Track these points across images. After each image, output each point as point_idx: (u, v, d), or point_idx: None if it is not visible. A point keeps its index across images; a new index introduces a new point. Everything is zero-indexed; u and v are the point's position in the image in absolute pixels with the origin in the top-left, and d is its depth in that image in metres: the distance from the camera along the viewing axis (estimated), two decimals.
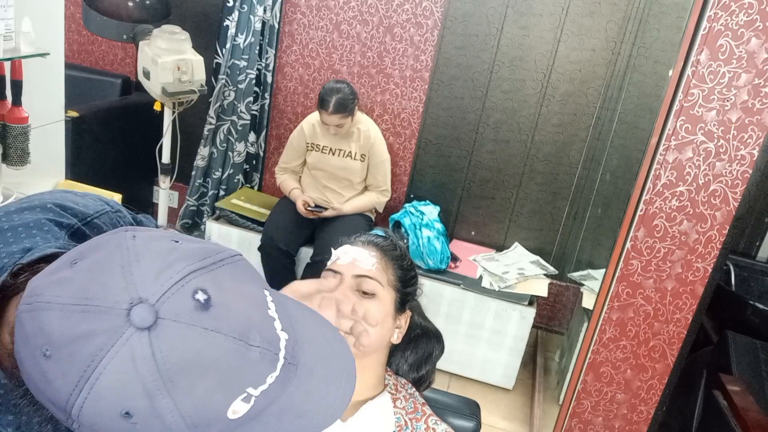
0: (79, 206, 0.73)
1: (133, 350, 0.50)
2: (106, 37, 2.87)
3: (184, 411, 0.52)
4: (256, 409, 0.56)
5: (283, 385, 0.58)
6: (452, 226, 3.29)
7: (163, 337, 0.51)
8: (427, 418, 1.06)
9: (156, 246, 0.56)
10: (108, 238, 0.57)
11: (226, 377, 0.53)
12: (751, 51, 1.65)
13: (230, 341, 0.53)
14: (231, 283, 0.57)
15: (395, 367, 1.16)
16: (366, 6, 3.11)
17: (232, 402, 0.54)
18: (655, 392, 2.00)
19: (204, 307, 0.53)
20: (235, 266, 0.59)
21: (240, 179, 3.45)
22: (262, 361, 0.55)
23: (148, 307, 0.51)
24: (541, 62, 2.97)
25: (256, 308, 0.57)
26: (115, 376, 0.50)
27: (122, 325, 0.50)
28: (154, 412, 0.51)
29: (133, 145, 3.32)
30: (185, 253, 0.56)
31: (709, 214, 1.79)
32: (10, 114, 1.82)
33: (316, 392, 0.62)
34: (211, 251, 0.58)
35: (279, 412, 0.59)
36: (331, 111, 2.74)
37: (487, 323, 2.82)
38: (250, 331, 0.54)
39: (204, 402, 0.52)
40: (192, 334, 0.52)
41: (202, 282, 0.54)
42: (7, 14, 1.71)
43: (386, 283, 1.05)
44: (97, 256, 0.55)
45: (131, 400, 0.50)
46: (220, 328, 0.53)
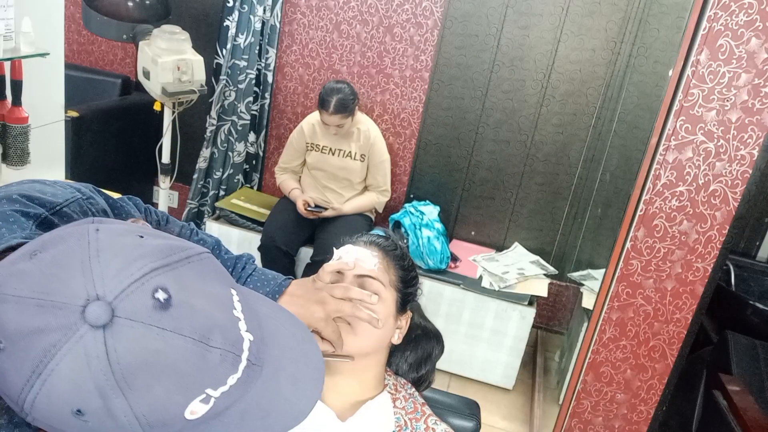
0: (47, 195, 0.72)
1: (87, 348, 0.49)
2: (106, 37, 2.87)
3: (138, 412, 0.51)
4: (217, 409, 0.55)
5: (246, 386, 0.57)
6: (452, 226, 3.29)
7: (119, 336, 0.49)
8: (426, 418, 1.06)
9: (119, 241, 0.55)
10: (71, 231, 0.56)
11: (184, 379, 0.52)
12: (751, 51, 1.65)
13: (189, 343, 0.52)
14: (195, 282, 0.55)
15: (395, 367, 1.16)
16: (366, 6, 3.11)
17: (190, 403, 0.53)
18: (655, 392, 2.00)
19: (163, 306, 0.51)
20: (201, 264, 0.58)
21: (240, 179, 3.45)
22: (223, 363, 0.54)
23: (104, 304, 0.50)
24: (541, 62, 2.97)
25: (220, 308, 0.56)
26: (67, 373, 0.49)
27: (77, 322, 0.49)
28: (107, 412, 0.50)
29: (133, 145, 3.32)
30: (149, 250, 0.54)
31: (709, 214, 1.79)
32: (10, 114, 1.82)
33: (282, 393, 0.61)
34: (176, 248, 0.56)
35: (242, 412, 0.58)
36: (331, 111, 2.74)
37: (487, 323, 2.82)
38: (212, 332, 0.53)
39: (160, 403, 0.51)
40: (149, 334, 0.50)
41: (164, 280, 0.53)
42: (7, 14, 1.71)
43: (388, 283, 1.05)
44: (58, 249, 0.54)
45: (83, 399, 0.49)
46: (179, 329, 0.51)
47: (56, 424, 0.52)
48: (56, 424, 0.52)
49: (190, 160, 3.34)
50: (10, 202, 0.69)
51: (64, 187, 0.76)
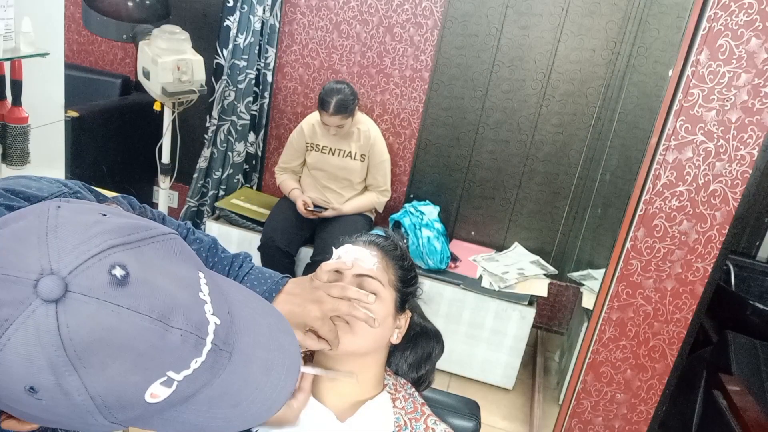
0: (32, 190, 0.71)
1: (38, 323, 0.48)
2: (106, 37, 2.88)
3: (93, 391, 0.50)
4: (181, 394, 0.54)
5: (213, 372, 0.56)
6: (452, 226, 3.29)
7: (71, 311, 0.49)
8: (426, 418, 1.06)
9: (79, 218, 0.54)
10: (33, 208, 0.55)
11: (142, 359, 0.50)
12: (751, 51, 1.65)
13: (147, 321, 0.50)
14: (157, 261, 0.54)
15: (395, 367, 1.16)
16: (366, 6, 3.11)
17: (150, 385, 0.52)
18: (655, 392, 2.00)
19: (120, 283, 0.50)
20: (166, 245, 0.56)
21: (240, 179, 3.45)
22: (184, 344, 0.52)
23: (57, 279, 0.49)
24: (541, 62, 2.97)
25: (184, 289, 0.55)
26: (19, 348, 0.48)
27: (29, 297, 0.49)
28: (60, 389, 0.49)
29: (132, 145, 3.32)
30: (109, 227, 0.53)
31: (709, 214, 1.79)
32: (10, 114, 1.82)
33: (253, 381, 0.60)
34: (140, 227, 0.55)
35: (210, 399, 0.57)
36: (331, 112, 2.74)
37: (487, 323, 2.82)
38: (173, 313, 0.52)
39: (117, 384, 0.50)
40: (103, 310, 0.49)
41: (123, 258, 0.51)
42: (7, 14, 1.71)
43: (387, 282, 1.05)
44: (18, 225, 0.53)
45: (35, 375, 0.49)
46: (135, 307, 0.50)
47: (12, 402, 0.51)
48: (12, 403, 0.51)
49: (190, 160, 3.35)
50: None
51: (50, 182, 0.75)
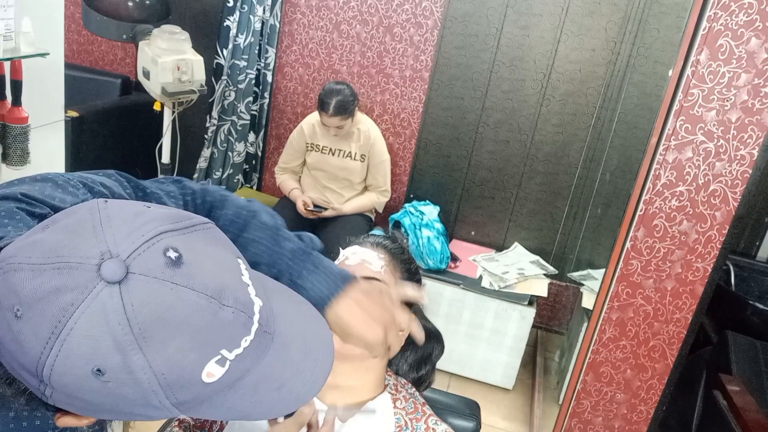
0: (55, 201, 0.72)
1: (104, 304, 0.50)
2: (106, 37, 2.87)
3: (157, 369, 0.51)
4: (232, 375, 0.55)
5: (258, 354, 0.57)
6: (452, 226, 3.29)
7: (134, 291, 0.50)
8: (427, 419, 1.06)
9: (127, 209, 0.57)
10: (81, 205, 0.58)
11: (199, 336, 0.52)
12: (751, 51, 1.65)
13: (202, 298, 0.53)
14: (203, 247, 0.57)
15: (395, 367, 1.16)
16: (366, 6, 3.11)
17: (207, 363, 0.53)
18: (655, 392, 2.00)
19: (175, 264, 0.52)
20: (207, 233, 0.59)
21: (240, 179, 3.45)
22: (235, 322, 0.54)
23: (119, 261, 0.51)
24: (541, 62, 2.97)
25: (230, 272, 0.57)
26: (86, 330, 0.49)
27: (93, 280, 0.50)
28: (126, 368, 0.50)
29: (132, 145, 3.32)
30: (157, 216, 0.56)
31: (709, 214, 1.79)
32: (10, 114, 1.82)
33: (294, 364, 0.61)
34: (183, 216, 0.58)
35: (255, 383, 0.58)
36: (331, 113, 2.74)
37: (487, 323, 2.82)
38: (223, 292, 0.54)
39: (177, 360, 0.52)
40: (163, 288, 0.51)
41: (174, 241, 0.54)
42: (7, 14, 1.71)
43: (393, 286, 1.05)
44: (69, 220, 0.55)
45: (103, 356, 0.50)
46: (191, 285, 0.52)
47: (75, 390, 0.52)
48: (76, 391, 0.52)
49: (189, 160, 3.34)
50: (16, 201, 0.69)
51: (75, 188, 0.75)
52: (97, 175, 0.80)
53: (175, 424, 1.03)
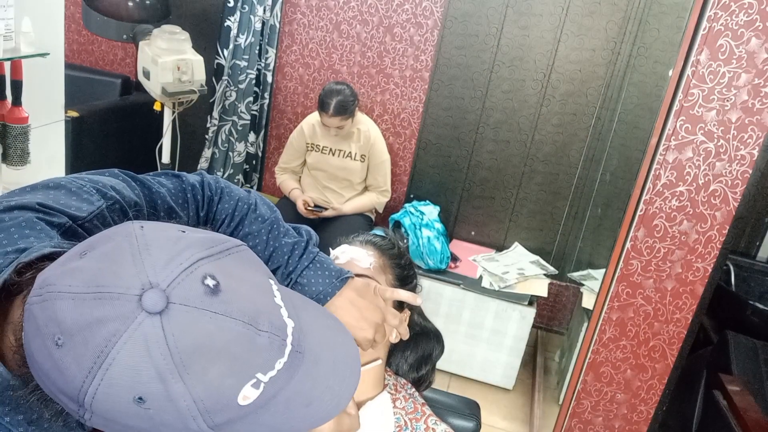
0: (71, 209, 0.72)
1: (146, 334, 0.51)
2: (106, 37, 2.87)
3: (196, 396, 0.52)
4: (265, 396, 0.56)
5: (291, 373, 0.58)
6: (452, 226, 3.29)
7: (175, 321, 0.51)
8: (426, 419, 1.06)
9: (164, 235, 0.57)
10: (117, 230, 0.58)
11: (237, 362, 0.53)
12: (751, 51, 1.65)
13: (240, 326, 0.54)
14: (238, 271, 0.58)
15: (395, 367, 1.16)
16: (366, 6, 3.11)
17: (243, 387, 0.54)
18: (655, 392, 2.00)
19: (213, 292, 0.53)
20: (241, 255, 0.60)
21: (240, 179, 3.45)
22: (271, 346, 0.55)
23: (159, 291, 0.52)
24: (541, 62, 2.97)
25: (263, 295, 0.58)
26: (128, 360, 0.50)
27: (135, 310, 0.51)
28: (167, 396, 0.51)
29: (133, 145, 3.32)
30: (193, 242, 0.57)
31: (709, 214, 1.79)
32: (10, 114, 1.82)
33: (323, 380, 0.62)
34: (217, 240, 0.59)
35: (287, 401, 0.59)
36: (331, 113, 2.74)
37: (487, 323, 2.82)
38: (259, 317, 0.55)
39: (216, 387, 0.53)
40: (203, 318, 0.52)
41: (211, 268, 0.55)
42: (7, 14, 1.71)
43: (384, 282, 1.05)
44: (107, 247, 0.56)
45: (144, 385, 0.51)
46: (229, 313, 0.53)
47: (116, 416, 0.52)
48: (116, 416, 0.52)
49: (190, 160, 3.34)
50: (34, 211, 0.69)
51: (89, 194, 0.75)
52: (104, 176, 0.80)
53: None
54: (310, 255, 0.92)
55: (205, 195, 0.91)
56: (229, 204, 0.92)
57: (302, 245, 0.93)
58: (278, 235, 0.92)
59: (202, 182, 0.91)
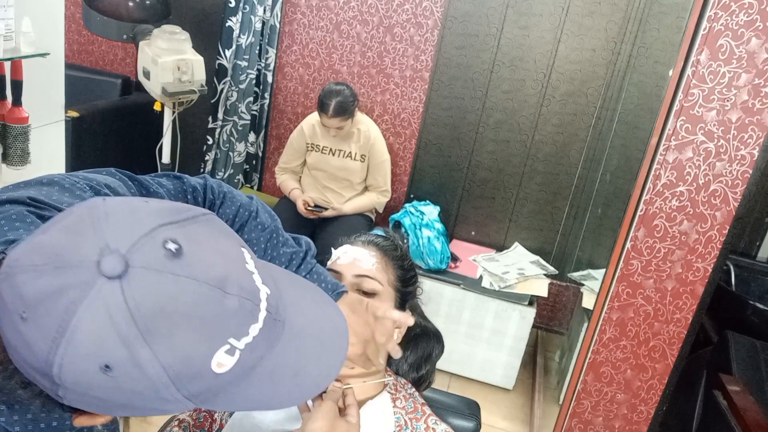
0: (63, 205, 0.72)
1: (106, 300, 0.50)
2: (106, 37, 2.87)
3: (165, 362, 0.51)
4: (244, 364, 0.55)
5: (270, 342, 0.57)
6: (452, 226, 3.29)
7: (135, 284, 0.51)
8: (426, 418, 1.06)
9: (125, 204, 0.57)
10: (80, 204, 0.58)
11: (205, 326, 0.52)
12: (751, 51, 1.65)
13: (205, 287, 0.52)
14: (204, 237, 0.56)
15: (395, 367, 1.16)
16: (366, 6, 3.11)
17: (215, 353, 0.53)
18: (655, 392, 2.00)
19: (175, 255, 0.52)
20: (209, 223, 0.59)
21: (240, 179, 3.45)
22: (241, 310, 0.54)
23: (118, 256, 0.51)
24: (541, 62, 2.97)
25: (233, 261, 0.57)
26: (90, 327, 0.50)
27: (94, 276, 0.50)
28: (133, 363, 0.50)
29: (133, 145, 3.32)
30: (155, 209, 0.56)
31: (709, 214, 1.79)
32: (10, 114, 1.82)
33: (309, 351, 0.61)
34: (182, 208, 0.58)
35: (271, 372, 0.58)
36: (331, 114, 2.74)
37: (487, 323, 2.82)
38: (227, 280, 0.54)
39: (185, 352, 0.52)
40: (164, 280, 0.51)
41: (173, 234, 0.54)
42: (7, 14, 1.71)
43: (386, 282, 1.05)
44: (69, 220, 0.55)
45: (109, 352, 0.50)
46: (193, 275, 0.52)
47: (86, 388, 0.52)
48: (87, 389, 0.52)
49: (190, 161, 3.34)
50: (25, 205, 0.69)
51: (82, 191, 0.75)
52: (100, 174, 0.80)
53: (175, 425, 1.03)
54: (307, 266, 0.93)
55: (206, 198, 0.90)
56: (231, 209, 0.91)
57: (300, 256, 0.93)
58: (277, 244, 0.92)
59: (204, 185, 0.90)
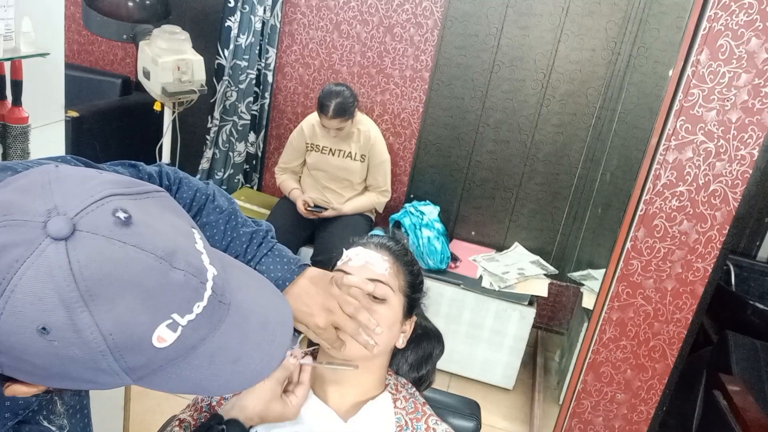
0: None
1: (50, 260, 0.49)
2: (106, 37, 2.87)
3: (104, 328, 0.50)
4: (185, 343, 0.55)
5: (213, 322, 0.57)
6: (452, 226, 3.29)
7: (81, 248, 0.50)
8: (427, 418, 1.06)
9: (79, 172, 0.57)
10: (33, 169, 0.58)
11: (149, 297, 0.52)
12: (751, 51, 1.65)
13: (152, 258, 0.52)
14: (155, 212, 0.56)
15: (395, 367, 1.16)
16: (366, 6, 3.11)
17: (157, 326, 0.52)
18: (655, 392, 2.00)
19: (124, 224, 0.52)
20: (161, 200, 0.59)
21: (240, 179, 3.45)
22: (187, 286, 0.54)
23: (65, 218, 0.51)
24: (541, 62, 2.97)
25: (182, 237, 0.57)
26: (31, 287, 0.49)
27: (39, 236, 0.50)
28: (72, 326, 0.50)
29: (133, 146, 3.32)
30: (108, 180, 0.56)
31: (709, 214, 1.79)
32: (10, 114, 1.82)
33: (252, 337, 0.61)
34: (136, 183, 0.58)
35: (211, 354, 0.57)
36: (330, 116, 2.74)
37: (487, 323, 2.82)
38: (175, 254, 0.54)
39: (126, 321, 0.51)
40: (111, 247, 0.51)
41: (124, 204, 0.53)
42: (7, 14, 1.71)
43: (397, 288, 1.04)
44: (21, 182, 0.55)
45: (48, 314, 0.49)
46: (141, 245, 0.52)
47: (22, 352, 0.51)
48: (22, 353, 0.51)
49: (190, 161, 3.34)
50: None
51: None
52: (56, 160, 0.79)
53: (176, 425, 1.03)
54: (268, 244, 0.94)
55: (162, 184, 0.90)
56: (188, 194, 0.92)
57: (260, 234, 0.94)
58: (236, 225, 0.93)
59: (159, 172, 0.91)
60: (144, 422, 2.26)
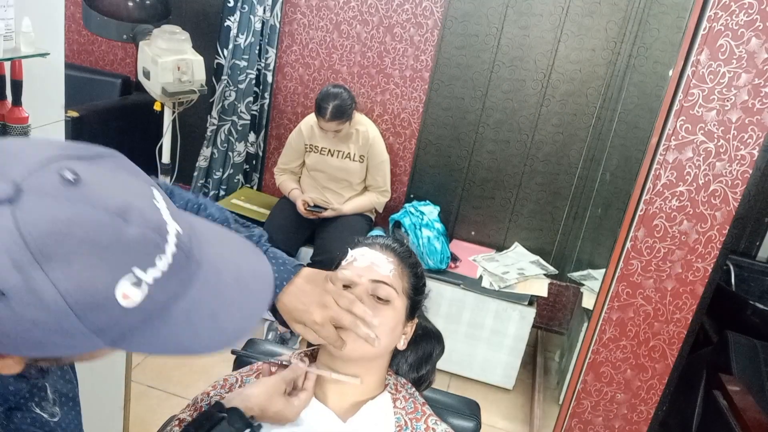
0: None
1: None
2: (106, 37, 2.88)
3: (62, 288, 0.50)
4: (156, 302, 0.54)
5: (183, 279, 0.57)
6: (452, 226, 3.29)
7: (27, 209, 0.50)
8: (427, 418, 1.06)
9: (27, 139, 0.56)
10: None
11: (105, 253, 0.51)
12: (751, 51, 1.65)
13: (102, 214, 0.51)
14: (107, 172, 0.55)
15: (395, 367, 1.16)
16: (366, 6, 3.11)
17: (118, 282, 0.52)
18: (655, 392, 2.00)
19: (72, 183, 0.51)
20: (116, 161, 0.58)
21: (240, 179, 3.45)
22: (144, 240, 0.53)
23: (9, 181, 0.50)
24: (541, 62, 2.97)
25: (137, 194, 0.56)
26: None
27: None
28: (28, 288, 0.49)
29: (133, 145, 3.32)
30: (58, 144, 0.55)
31: (709, 214, 1.79)
32: (10, 114, 1.82)
33: (227, 292, 0.60)
34: (89, 147, 0.57)
35: (187, 312, 0.57)
36: (328, 118, 2.74)
37: (487, 323, 2.82)
38: (128, 211, 0.53)
39: (84, 278, 0.51)
40: (59, 206, 0.50)
41: (72, 165, 0.53)
42: (7, 14, 1.71)
43: (401, 290, 1.04)
44: None
45: (2, 278, 0.49)
46: (90, 203, 0.51)
47: None
48: None
49: (190, 160, 3.34)
50: None
51: None
52: None
53: (175, 424, 1.03)
54: (262, 247, 0.95)
55: None
56: (180, 203, 0.92)
57: (254, 239, 0.95)
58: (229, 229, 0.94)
59: None
60: (144, 422, 2.26)
